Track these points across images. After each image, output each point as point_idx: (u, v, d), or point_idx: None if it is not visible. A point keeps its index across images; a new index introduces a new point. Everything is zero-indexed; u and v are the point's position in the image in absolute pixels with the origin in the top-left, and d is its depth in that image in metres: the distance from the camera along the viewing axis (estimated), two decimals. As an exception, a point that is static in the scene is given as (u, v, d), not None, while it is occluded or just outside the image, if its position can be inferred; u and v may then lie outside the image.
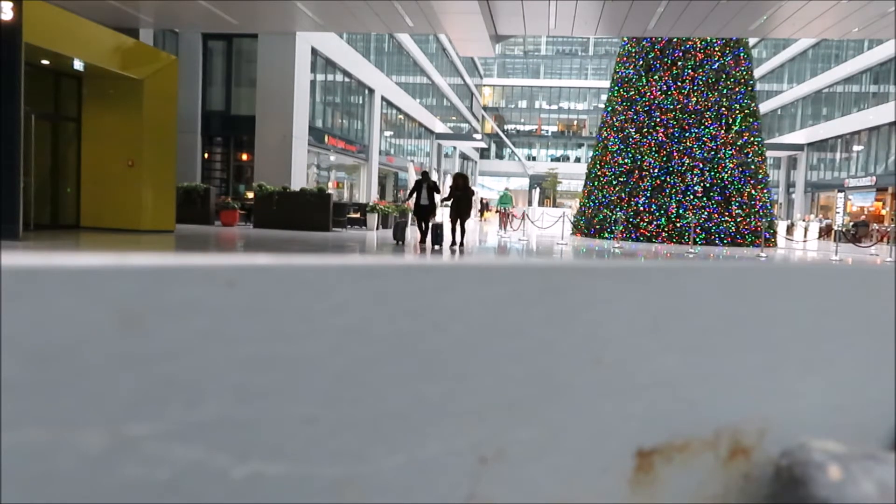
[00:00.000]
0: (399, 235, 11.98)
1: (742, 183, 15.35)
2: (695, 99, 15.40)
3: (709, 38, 15.22)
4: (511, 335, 0.46)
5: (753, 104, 16.07)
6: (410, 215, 14.44)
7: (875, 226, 23.13)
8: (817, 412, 0.58)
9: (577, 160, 56.15)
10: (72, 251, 0.36)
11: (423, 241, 11.38)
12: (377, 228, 15.97)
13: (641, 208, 15.49)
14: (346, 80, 22.54)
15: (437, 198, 11.37)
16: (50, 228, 10.63)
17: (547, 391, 0.47)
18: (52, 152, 10.98)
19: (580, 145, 58.37)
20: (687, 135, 15.35)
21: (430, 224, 11.26)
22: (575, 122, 59.55)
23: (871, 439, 0.59)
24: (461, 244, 11.19)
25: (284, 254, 0.40)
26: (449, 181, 27.42)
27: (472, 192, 11.66)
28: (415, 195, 11.38)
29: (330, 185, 22.06)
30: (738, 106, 15.58)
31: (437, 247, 10.96)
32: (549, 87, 59.66)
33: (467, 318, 0.44)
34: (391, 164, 28.83)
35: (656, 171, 15.43)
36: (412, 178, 13.65)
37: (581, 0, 11.79)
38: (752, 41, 18.84)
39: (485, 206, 31.83)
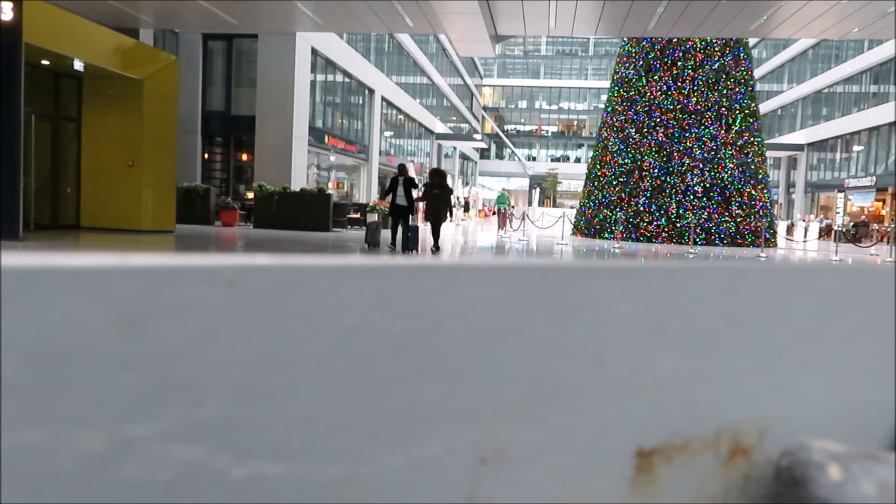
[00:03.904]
0: (372, 239, 10.73)
1: (742, 183, 15.35)
2: (695, 99, 15.40)
3: (709, 38, 15.22)
4: (511, 335, 0.46)
5: (753, 104, 16.07)
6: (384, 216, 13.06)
7: (875, 226, 23.14)
8: (817, 412, 0.58)
9: (577, 160, 56.17)
10: (72, 251, 0.36)
11: (393, 243, 10.08)
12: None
13: (641, 208, 15.49)
14: (346, 80, 22.54)
15: (415, 194, 10.16)
16: (50, 228, 10.63)
17: (547, 391, 0.47)
18: (52, 152, 10.98)
19: (580, 145, 58.38)
20: (687, 135, 15.35)
21: (406, 226, 9.89)
22: (575, 123, 59.56)
23: (871, 439, 0.59)
24: (435, 248, 9.96)
25: (284, 254, 0.40)
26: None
27: (451, 191, 10.28)
28: (391, 194, 10.10)
29: (330, 185, 22.06)
30: (738, 106, 15.58)
31: (413, 252, 9.72)
32: (549, 88, 59.67)
33: (467, 318, 0.44)
34: (391, 165, 28.81)
35: (656, 171, 15.43)
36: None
37: (581, 0, 11.79)
38: (752, 41, 18.84)
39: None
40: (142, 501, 0.35)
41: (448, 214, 10.12)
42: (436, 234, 9.94)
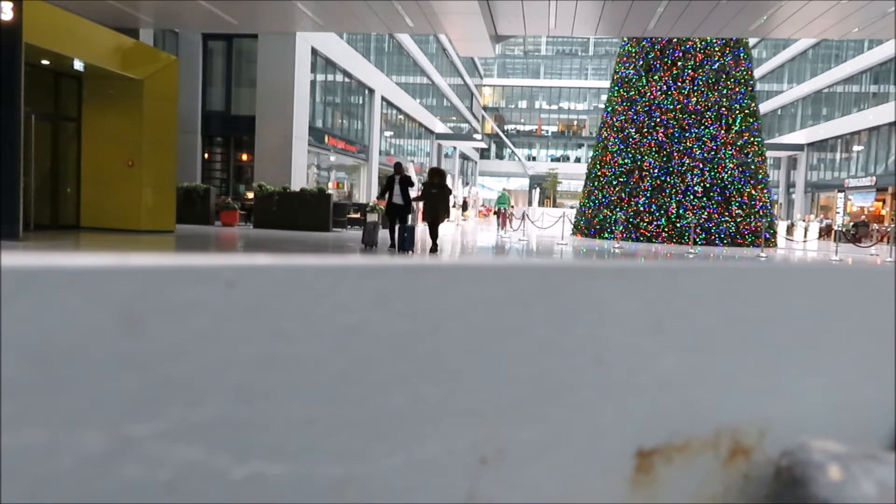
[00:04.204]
0: (369, 239, 10.33)
1: (742, 183, 15.35)
2: (695, 99, 15.40)
3: (709, 38, 15.22)
4: (511, 335, 0.46)
5: (753, 104, 16.07)
6: (381, 216, 12.75)
7: (875, 226, 23.14)
8: (817, 412, 0.58)
9: (577, 160, 56.19)
10: (72, 251, 0.36)
11: (393, 245, 9.85)
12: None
13: (641, 208, 15.49)
14: (346, 80, 22.54)
15: (412, 193, 9.95)
16: (50, 228, 10.63)
17: (547, 391, 0.47)
18: (52, 152, 10.98)
19: (580, 145, 58.40)
20: (687, 135, 15.35)
21: (402, 226, 9.61)
22: (575, 122, 59.58)
23: (871, 439, 0.59)
24: (433, 249, 9.71)
25: (284, 254, 0.40)
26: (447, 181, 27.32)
27: (450, 191, 9.94)
28: (388, 193, 9.87)
29: (330, 185, 22.06)
30: (738, 106, 15.58)
31: (409, 252, 9.41)
32: (549, 88, 59.68)
33: (467, 318, 0.44)
34: (391, 165, 28.78)
35: (656, 171, 15.43)
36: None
37: (581, 0, 11.79)
38: (752, 41, 18.84)
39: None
40: (142, 501, 0.35)
41: (446, 215, 9.81)
42: (434, 234, 9.70)
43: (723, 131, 15.35)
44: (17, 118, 7.89)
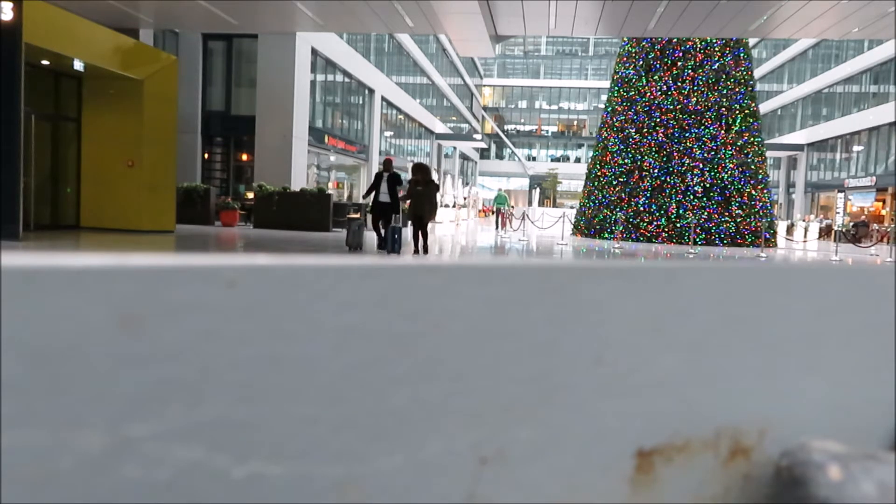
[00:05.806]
0: (354, 240, 9.76)
1: (742, 183, 15.35)
2: (695, 99, 15.40)
3: (709, 39, 15.22)
4: (511, 335, 0.46)
5: (753, 104, 16.07)
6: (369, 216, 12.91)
7: (875, 226, 23.14)
8: (817, 412, 0.58)
9: (577, 160, 56.21)
10: (72, 251, 0.36)
11: (380, 246, 9.44)
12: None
13: (641, 208, 15.49)
14: (346, 80, 22.54)
15: (400, 192, 9.55)
16: (50, 228, 10.63)
17: (547, 391, 0.47)
18: (52, 152, 10.98)
19: (580, 145, 58.42)
20: (687, 135, 15.35)
21: (389, 227, 9.15)
22: (575, 123, 59.60)
23: (871, 439, 0.59)
24: (425, 250, 9.18)
25: (284, 254, 0.40)
26: (447, 182, 27.28)
27: (437, 188, 9.43)
28: (375, 191, 9.49)
29: (330, 185, 22.06)
30: (738, 106, 15.58)
31: (396, 254, 8.78)
32: (549, 88, 59.70)
33: (467, 319, 0.44)
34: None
35: (656, 171, 15.43)
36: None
37: (581, 0, 11.79)
38: (752, 41, 18.84)
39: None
40: (142, 501, 0.35)
41: (433, 213, 9.30)
42: (424, 235, 9.21)
43: (723, 131, 15.35)
44: (17, 118, 7.89)
